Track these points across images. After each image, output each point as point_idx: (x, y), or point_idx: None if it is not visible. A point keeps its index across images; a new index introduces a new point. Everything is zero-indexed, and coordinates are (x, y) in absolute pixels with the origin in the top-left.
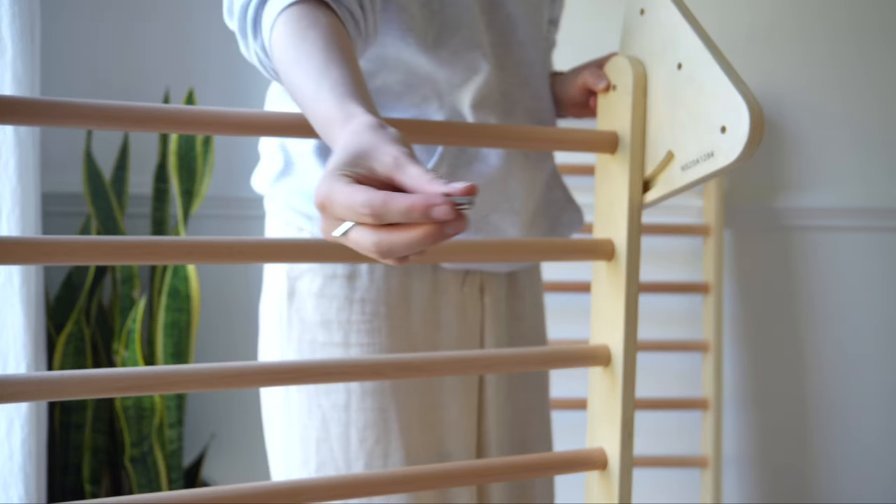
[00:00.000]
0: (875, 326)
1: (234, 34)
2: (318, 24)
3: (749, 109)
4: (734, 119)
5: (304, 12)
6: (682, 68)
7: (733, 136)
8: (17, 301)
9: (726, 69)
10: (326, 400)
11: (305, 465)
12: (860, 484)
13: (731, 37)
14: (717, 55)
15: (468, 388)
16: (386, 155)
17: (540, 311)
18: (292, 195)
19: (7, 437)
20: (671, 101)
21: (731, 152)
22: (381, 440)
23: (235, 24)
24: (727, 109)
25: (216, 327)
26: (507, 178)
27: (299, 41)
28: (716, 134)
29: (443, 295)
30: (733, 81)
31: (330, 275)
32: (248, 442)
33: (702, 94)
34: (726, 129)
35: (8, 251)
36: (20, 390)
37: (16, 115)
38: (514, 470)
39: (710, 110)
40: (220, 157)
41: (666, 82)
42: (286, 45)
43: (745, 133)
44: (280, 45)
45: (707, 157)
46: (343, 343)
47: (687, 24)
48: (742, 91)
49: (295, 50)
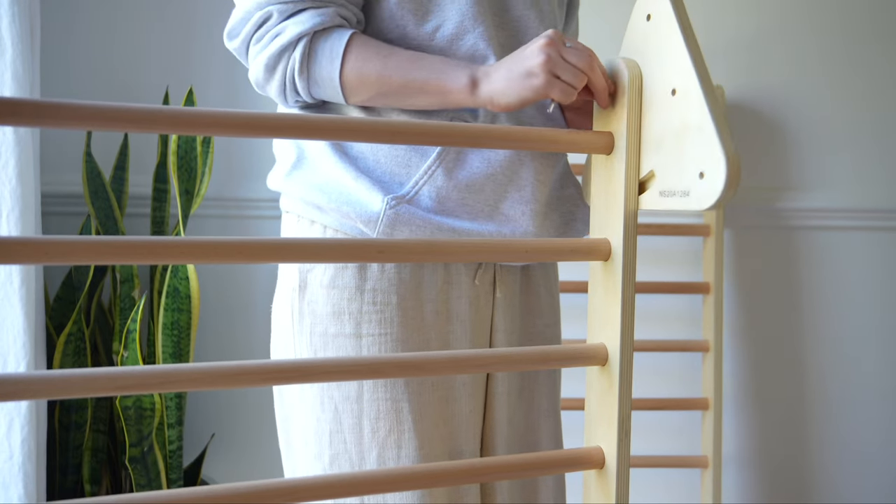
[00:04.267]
0: (875, 326)
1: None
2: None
3: (727, 164)
4: (713, 169)
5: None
6: (675, 95)
7: (709, 185)
8: (17, 301)
9: (715, 115)
10: (338, 392)
11: (319, 457)
12: (860, 484)
13: (732, 36)
14: (709, 95)
15: (478, 384)
16: None
17: (555, 310)
18: (304, 187)
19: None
20: (661, 123)
21: (704, 200)
22: (394, 430)
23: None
24: (708, 157)
25: (216, 327)
26: (516, 166)
27: (383, 46)
28: (694, 177)
29: (454, 287)
30: (718, 130)
31: (340, 266)
32: (248, 442)
33: (688, 131)
34: (704, 175)
35: (8, 251)
36: (21, 389)
37: (16, 116)
38: (513, 469)
39: (693, 151)
40: (220, 157)
41: (659, 101)
42: (373, 49)
43: (721, 187)
44: (362, 58)
45: (683, 195)
46: (354, 334)
47: (687, 52)
48: (724, 143)
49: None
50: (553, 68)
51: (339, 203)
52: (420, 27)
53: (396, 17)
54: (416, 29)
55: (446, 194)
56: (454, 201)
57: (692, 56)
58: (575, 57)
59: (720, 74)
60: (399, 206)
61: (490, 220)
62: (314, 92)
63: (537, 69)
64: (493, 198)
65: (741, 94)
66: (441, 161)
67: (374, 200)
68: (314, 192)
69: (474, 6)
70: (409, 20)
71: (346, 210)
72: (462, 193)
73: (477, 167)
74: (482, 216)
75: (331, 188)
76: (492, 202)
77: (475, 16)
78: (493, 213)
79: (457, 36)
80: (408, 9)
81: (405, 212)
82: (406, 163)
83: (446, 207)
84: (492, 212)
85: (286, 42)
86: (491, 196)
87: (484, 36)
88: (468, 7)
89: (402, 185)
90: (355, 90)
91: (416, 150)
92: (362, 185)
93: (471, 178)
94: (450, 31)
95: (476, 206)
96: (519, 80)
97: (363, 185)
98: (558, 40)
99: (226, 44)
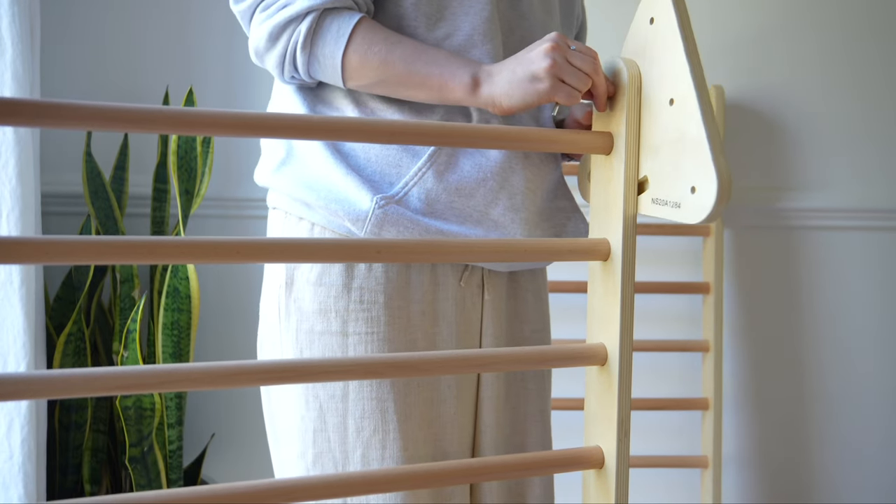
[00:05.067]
0: (874, 326)
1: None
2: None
3: (718, 182)
4: (705, 185)
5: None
6: (673, 104)
7: (700, 201)
8: (17, 301)
9: (710, 130)
10: (324, 390)
11: (303, 456)
12: (860, 484)
13: (732, 36)
14: (706, 109)
15: (466, 386)
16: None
17: (544, 316)
18: (292, 184)
19: (7, 436)
20: (657, 130)
21: (694, 214)
22: (379, 430)
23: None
24: (701, 173)
25: (216, 327)
26: (507, 173)
27: (391, 34)
28: (686, 190)
29: (441, 288)
30: (712, 146)
31: (327, 264)
32: (248, 442)
33: (683, 144)
34: (696, 190)
35: (8, 251)
36: (20, 388)
37: (16, 116)
38: (512, 469)
39: (687, 165)
40: (220, 157)
41: (657, 108)
42: (380, 35)
43: (711, 204)
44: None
45: (674, 206)
46: (341, 332)
47: (687, 62)
48: (717, 160)
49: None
50: (559, 73)
51: (327, 201)
52: (431, 32)
53: (410, 18)
54: (427, 33)
55: (435, 197)
56: (443, 204)
57: (692, 67)
58: (580, 60)
59: (720, 74)
60: (388, 206)
61: (479, 225)
62: (313, 70)
63: (542, 73)
64: (484, 204)
65: (741, 94)
66: (432, 163)
67: (363, 199)
68: (302, 189)
69: (486, 23)
70: (422, 23)
71: (334, 208)
72: (451, 197)
73: (468, 172)
74: (471, 221)
75: (319, 185)
76: (482, 208)
77: (485, 32)
78: (483, 219)
79: (464, 48)
80: (423, 12)
81: (393, 212)
82: (397, 163)
83: (435, 210)
84: (481, 217)
85: (294, 13)
86: (481, 202)
87: (490, 54)
88: (480, 23)
89: (391, 185)
90: (356, 73)
91: (407, 151)
92: (351, 183)
93: (461, 182)
94: (458, 42)
95: (465, 210)
96: (523, 83)
97: (352, 183)
98: (563, 44)
99: (231, 6)
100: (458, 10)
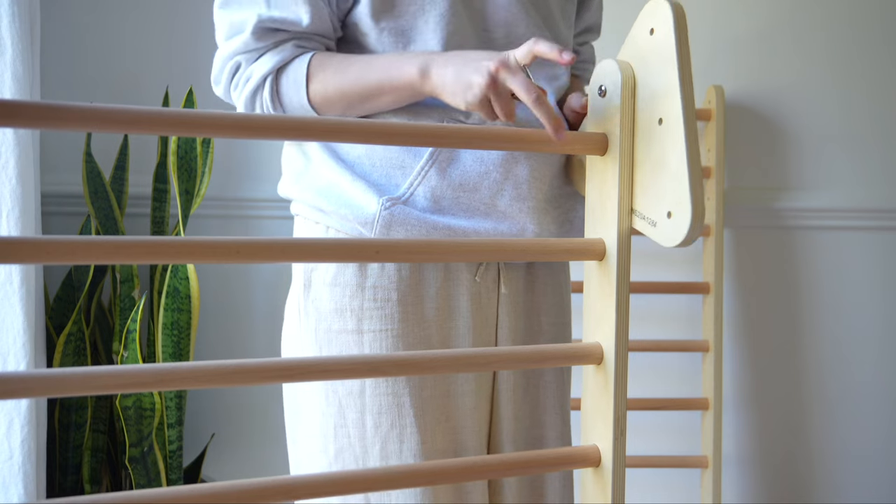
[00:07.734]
0: (874, 326)
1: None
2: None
3: (692, 211)
4: (680, 212)
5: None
6: (661, 124)
7: (674, 226)
8: (17, 301)
9: (691, 158)
10: (342, 387)
11: (324, 451)
12: (860, 484)
13: (733, 35)
14: (690, 136)
15: (482, 379)
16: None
17: (563, 309)
18: (309, 192)
19: (7, 436)
20: (644, 145)
21: (668, 238)
22: (396, 425)
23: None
24: (677, 199)
25: (216, 327)
26: (510, 164)
27: (342, 60)
28: (663, 213)
29: (455, 284)
30: (691, 175)
31: (342, 264)
32: (248, 442)
33: (665, 166)
34: (672, 215)
35: (8, 251)
36: (20, 387)
37: (16, 118)
38: (511, 466)
39: (666, 187)
40: (220, 157)
41: (646, 123)
42: (331, 66)
43: (684, 232)
44: (323, 68)
45: (652, 224)
46: (356, 330)
47: (679, 86)
48: (694, 190)
49: (342, 63)
50: (490, 92)
51: (338, 206)
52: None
53: (378, 48)
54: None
55: (441, 193)
56: (449, 200)
57: (683, 92)
58: (519, 90)
59: (720, 74)
60: (394, 206)
61: (487, 217)
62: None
63: (477, 87)
64: (490, 195)
65: (741, 94)
66: (434, 161)
67: (370, 203)
68: (317, 197)
69: (452, 36)
70: (391, 50)
71: (344, 212)
72: (457, 192)
73: (470, 166)
74: (479, 214)
75: (331, 192)
76: (488, 200)
77: (458, 44)
78: (491, 211)
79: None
80: (388, 42)
81: (400, 212)
82: (400, 164)
83: (442, 206)
84: (489, 209)
85: (255, 85)
86: (487, 194)
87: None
88: (448, 36)
89: (398, 186)
90: (326, 107)
91: (409, 152)
92: (359, 188)
93: (464, 176)
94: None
95: (472, 204)
96: (461, 84)
97: (359, 188)
98: (512, 66)
99: (213, 89)
100: (423, 28)
